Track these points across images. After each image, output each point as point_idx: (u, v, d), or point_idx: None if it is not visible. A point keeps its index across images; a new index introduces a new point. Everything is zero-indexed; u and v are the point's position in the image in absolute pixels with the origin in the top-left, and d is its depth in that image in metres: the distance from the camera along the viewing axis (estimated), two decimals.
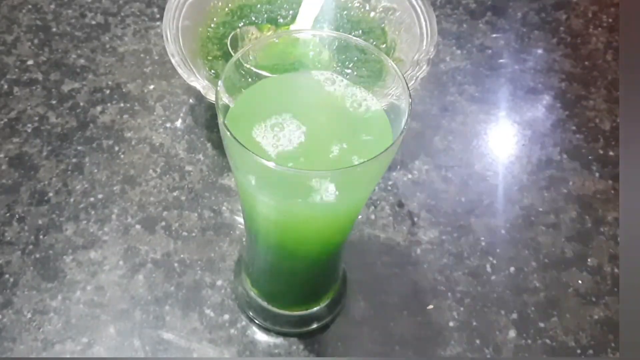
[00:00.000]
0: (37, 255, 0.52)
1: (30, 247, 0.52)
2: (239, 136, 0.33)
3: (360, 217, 0.55)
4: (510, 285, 0.53)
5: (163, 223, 0.54)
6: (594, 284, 0.53)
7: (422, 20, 0.59)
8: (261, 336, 0.49)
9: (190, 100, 0.63)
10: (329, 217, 0.39)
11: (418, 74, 0.55)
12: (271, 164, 0.32)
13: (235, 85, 0.37)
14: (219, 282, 0.51)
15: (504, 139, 0.63)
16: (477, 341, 0.50)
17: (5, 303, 0.49)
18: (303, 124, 0.37)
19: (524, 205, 0.58)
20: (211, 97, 0.52)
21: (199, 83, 0.53)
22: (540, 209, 0.58)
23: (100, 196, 0.56)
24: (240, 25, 0.62)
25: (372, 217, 0.56)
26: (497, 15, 0.73)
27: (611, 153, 0.62)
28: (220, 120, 0.34)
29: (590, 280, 0.54)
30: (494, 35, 0.71)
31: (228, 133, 0.33)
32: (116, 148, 0.59)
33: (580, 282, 0.53)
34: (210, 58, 0.59)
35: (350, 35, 0.39)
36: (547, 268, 0.54)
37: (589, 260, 0.55)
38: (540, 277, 0.53)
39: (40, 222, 0.54)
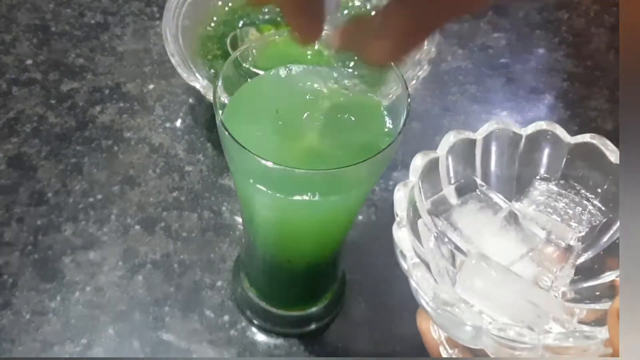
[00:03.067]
0: (36, 256, 0.52)
1: (29, 247, 0.52)
2: (235, 134, 0.32)
3: (360, 217, 0.55)
4: None
5: (162, 224, 0.54)
6: None
7: None
8: (261, 337, 0.49)
9: (190, 100, 0.62)
10: (326, 216, 0.39)
11: (419, 73, 0.54)
12: (269, 163, 0.32)
13: (234, 84, 0.37)
14: (219, 283, 0.51)
15: None
16: None
17: (4, 304, 0.49)
18: (301, 121, 0.36)
19: None
20: (211, 96, 0.52)
21: (199, 83, 0.52)
22: None
23: (99, 196, 0.55)
24: (240, 24, 0.61)
25: (373, 217, 0.55)
26: (499, 15, 0.73)
27: None
28: (218, 119, 0.34)
29: None
30: (496, 35, 0.71)
31: (226, 132, 0.32)
32: (115, 148, 0.59)
33: None
34: (210, 57, 0.59)
35: None
36: None
37: None
38: None
39: (39, 222, 0.54)
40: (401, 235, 0.29)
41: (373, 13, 0.29)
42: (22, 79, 0.63)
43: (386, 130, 0.37)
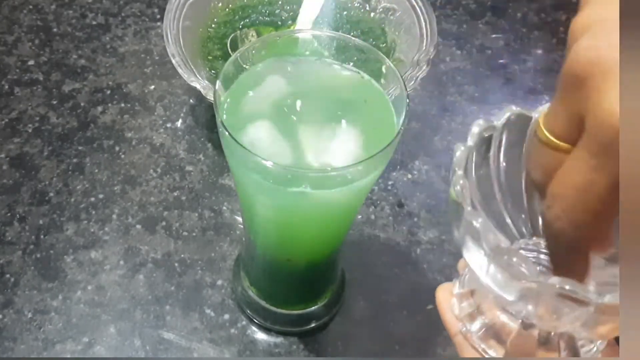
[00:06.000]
0: (38, 255, 0.52)
1: (31, 247, 0.53)
2: (235, 131, 0.33)
3: (360, 217, 0.55)
4: None
5: (163, 223, 0.55)
6: None
7: (422, 20, 0.59)
8: (261, 336, 0.49)
9: (191, 101, 0.63)
10: (326, 215, 0.39)
11: (418, 74, 0.55)
12: (269, 163, 0.32)
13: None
14: (219, 282, 0.52)
15: None
16: None
17: (6, 303, 0.50)
18: (301, 117, 0.36)
19: None
20: (212, 97, 0.52)
21: (200, 83, 0.53)
22: None
23: (100, 196, 0.56)
24: (240, 25, 0.62)
25: (372, 217, 0.56)
26: (497, 16, 0.73)
27: None
28: (218, 120, 0.34)
29: None
30: (494, 36, 0.71)
31: (226, 132, 0.33)
32: (117, 148, 0.59)
33: None
34: (210, 58, 0.59)
35: (349, 36, 0.39)
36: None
37: None
38: None
39: (41, 222, 0.54)
40: (462, 185, 0.29)
41: None
42: (24, 80, 0.63)
43: (386, 127, 0.37)
